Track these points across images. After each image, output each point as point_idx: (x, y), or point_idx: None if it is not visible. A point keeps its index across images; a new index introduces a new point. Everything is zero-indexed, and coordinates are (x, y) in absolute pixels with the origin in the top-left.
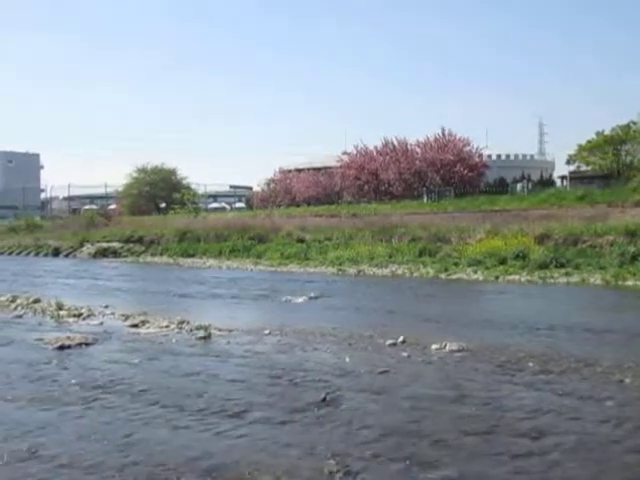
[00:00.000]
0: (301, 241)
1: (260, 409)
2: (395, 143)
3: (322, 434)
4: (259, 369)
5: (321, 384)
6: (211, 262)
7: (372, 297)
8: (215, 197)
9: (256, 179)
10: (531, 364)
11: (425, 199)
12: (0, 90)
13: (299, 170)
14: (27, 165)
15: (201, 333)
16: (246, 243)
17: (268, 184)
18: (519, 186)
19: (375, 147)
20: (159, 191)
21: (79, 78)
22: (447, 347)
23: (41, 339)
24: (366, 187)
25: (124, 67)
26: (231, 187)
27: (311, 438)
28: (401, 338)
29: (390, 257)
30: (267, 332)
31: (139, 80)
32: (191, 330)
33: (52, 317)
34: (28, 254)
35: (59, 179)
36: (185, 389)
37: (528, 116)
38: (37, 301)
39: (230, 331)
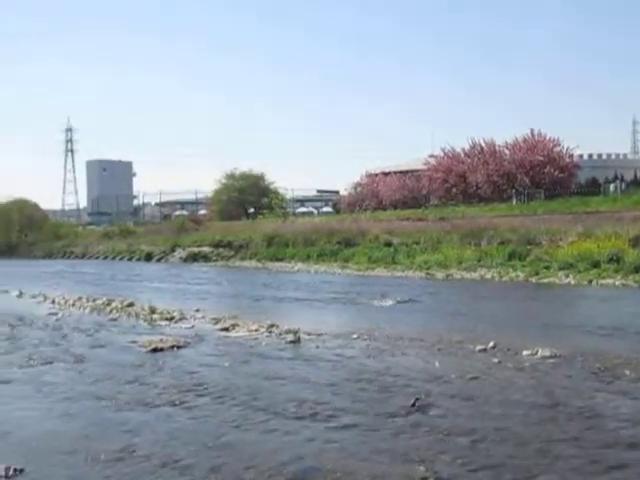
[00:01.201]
0: (388, 245)
1: (349, 414)
2: (483, 145)
3: (412, 440)
4: (348, 373)
5: (410, 389)
6: (299, 266)
7: (461, 301)
8: (302, 202)
9: (343, 183)
10: (628, 371)
11: (514, 201)
12: (97, 101)
13: (386, 173)
14: (120, 173)
15: (290, 337)
16: (333, 247)
17: (355, 188)
18: (612, 187)
19: (462, 149)
20: (248, 196)
21: (172, 87)
22: (539, 353)
23: (135, 342)
24: (454, 190)
25: (219, 75)
26: (318, 191)
27: (401, 444)
28: (491, 343)
29: (479, 261)
30: (356, 336)
31: (231, 87)
32: (280, 334)
33: (145, 320)
34: (122, 259)
35: (151, 186)
36: (275, 393)
37: (618, 116)
38: (131, 305)
39: (319, 335)
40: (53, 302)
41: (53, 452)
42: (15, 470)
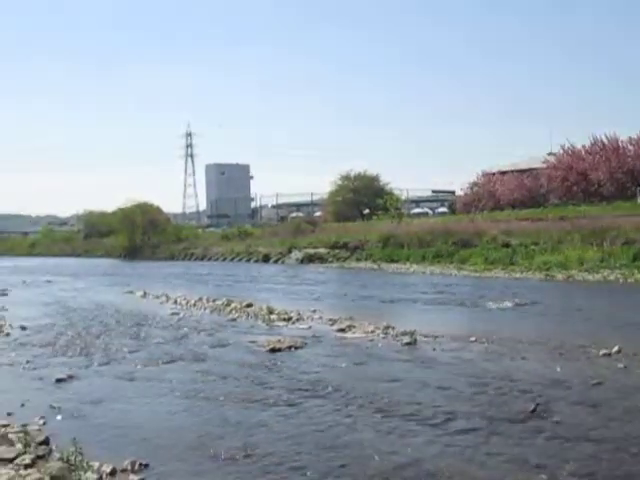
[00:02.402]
0: (506, 246)
1: (467, 418)
2: (605, 141)
3: (532, 446)
4: (466, 377)
5: (530, 394)
6: (414, 267)
7: (583, 304)
8: (417, 202)
9: (459, 183)
10: None
11: (639, 200)
12: (214, 104)
13: (503, 173)
14: (238, 176)
15: (407, 339)
16: (449, 248)
17: (471, 188)
18: None
19: (583, 146)
20: (362, 197)
21: (286, 89)
22: None
23: (254, 342)
24: (574, 188)
25: (329, 76)
26: (433, 192)
27: (520, 450)
28: (616, 348)
29: (601, 262)
30: (473, 339)
31: (343, 88)
32: (396, 335)
33: (263, 321)
34: (240, 260)
35: (268, 188)
36: (391, 395)
37: None
38: (250, 305)
39: (435, 337)
40: (175, 302)
41: (176, 448)
42: (141, 465)
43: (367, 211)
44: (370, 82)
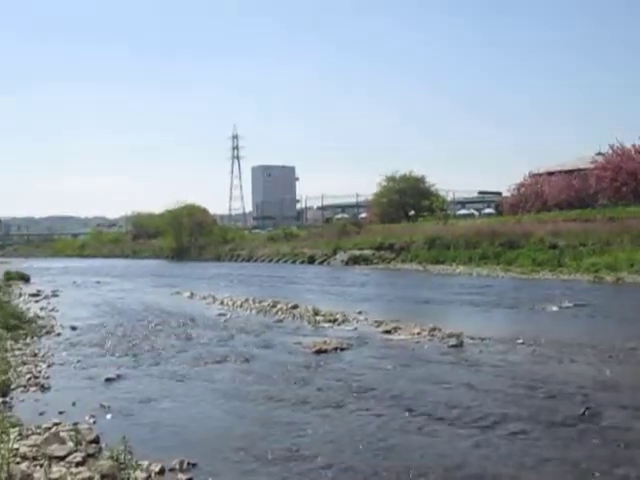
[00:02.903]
0: (553, 247)
1: (515, 421)
2: None
3: (582, 450)
4: (513, 380)
5: (579, 398)
6: (460, 269)
7: (633, 306)
8: (463, 203)
9: (505, 184)
10: None
11: None
12: (260, 107)
13: (550, 173)
14: (284, 177)
15: (453, 341)
16: (496, 249)
17: (518, 189)
18: None
19: (633, 145)
20: (408, 198)
21: (333, 89)
22: None
23: (299, 343)
24: (624, 189)
25: (378, 76)
26: (479, 193)
27: (571, 454)
28: None
29: None
30: (520, 341)
31: (388, 89)
32: (443, 338)
33: (309, 322)
34: (285, 261)
35: (313, 190)
36: (438, 397)
37: None
38: (295, 307)
39: (482, 339)
40: (222, 303)
41: (223, 448)
42: (189, 464)
43: (412, 212)
44: (418, 82)
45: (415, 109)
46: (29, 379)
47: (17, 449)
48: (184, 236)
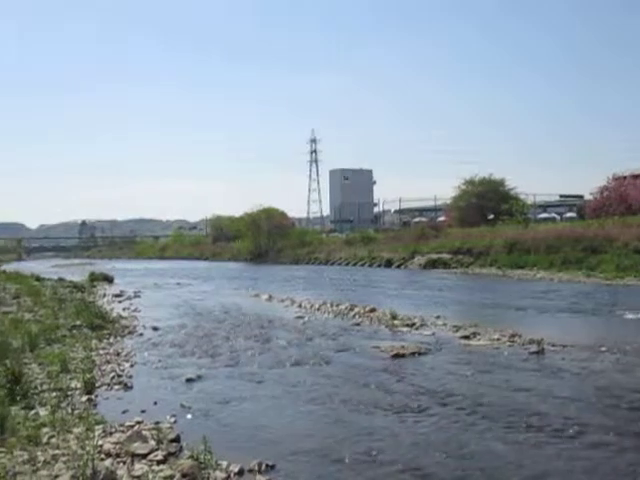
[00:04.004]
0: (639, 252)
1: (599, 431)
2: None
3: None
4: (596, 389)
5: None
6: (541, 274)
7: None
8: (544, 207)
9: (588, 188)
10: None
11: None
12: (339, 111)
13: (635, 176)
14: (361, 181)
15: (533, 347)
16: (578, 254)
17: (601, 192)
18: None
19: None
20: (487, 202)
21: (411, 90)
22: None
23: (377, 347)
24: None
25: (459, 85)
26: (561, 197)
27: None
28: None
29: None
30: (604, 349)
31: (472, 97)
32: (523, 344)
33: (387, 326)
34: (362, 265)
35: (390, 193)
36: (518, 405)
37: None
38: (373, 310)
39: (564, 346)
40: (299, 306)
41: (301, 450)
42: (267, 466)
43: (492, 216)
44: (499, 84)
45: (496, 112)
46: (113, 378)
47: (101, 446)
48: (262, 239)
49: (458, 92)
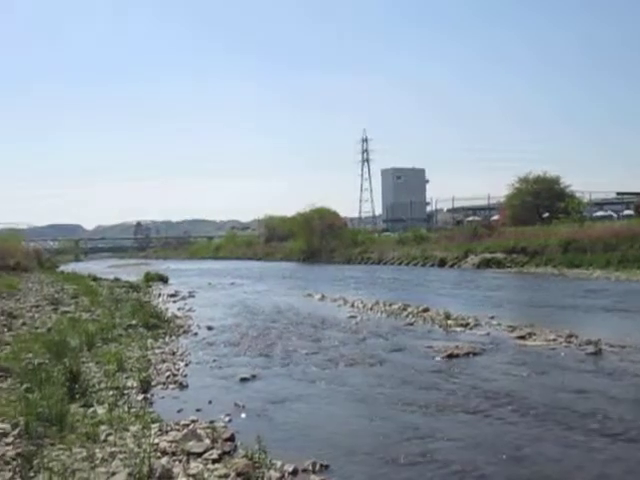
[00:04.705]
0: None
1: None
2: None
3: None
4: None
5: None
6: (598, 273)
7: None
8: (601, 205)
9: None
10: None
11: None
12: (391, 109)
13: None
14: (414, 180)
15: (591, 348)
16: (636, 253)
17: None
18: None
19: None
20: (542, 200)
21: (460, 91)
22: None
23: (430, 347)
24: None
25: (498, 78)
26: (618, 194)
27: None
28: None
29: None
30: None
31: (517, 88)
32: (580, 345)
33: (440, 326)
34: (415, 264)
35: (443, 192)
36: (575, 407)
37: None
38: (426, 310)
39: (622, 347)
40: (352, 306)
41: (355, 451)
42: (321, 466)
43: (546, 215)
44: (549, 82)
45: (549, 110)
46: (168, 377)
47: (157, 444)
48: (315, 239)
49: (509, 92)
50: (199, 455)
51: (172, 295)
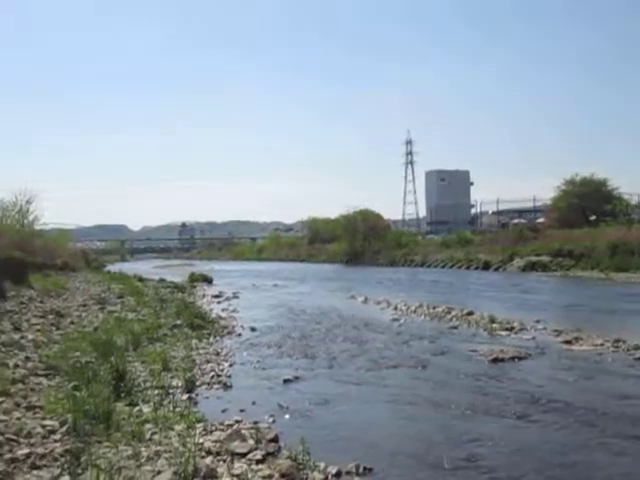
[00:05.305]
0: None
1: None
2: None
3: None
4: None
5: None
6: None
7: None
8: None
9: None
10: None
11: None
12: (434, 114)
13: None
14: (458, 182)
15: (639, 354)
16: None
17: None
18: None
19: None
20: (588, 202)
21: (501, 96)
22: None
23: (475, 350)
24: None
25: (543, 80)
26: None
27: None
28: None
29: None
30: None
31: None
32: (628, 349)
33: (485, 329)
34: (459, 267)
35: (488, 194)
36: (624, 413)
37: None
38: (470, 313)
39: None
40: (395, 308)
41: (399, 454)
42: (365, 468)
43: (593, 217)
44: (593, 85)
45: (596, 110)
46: (212, 377)
47: (202, 444)
48: (358, 241)
49: (555, 91)
50: (243, 455)
51: (216, 296)
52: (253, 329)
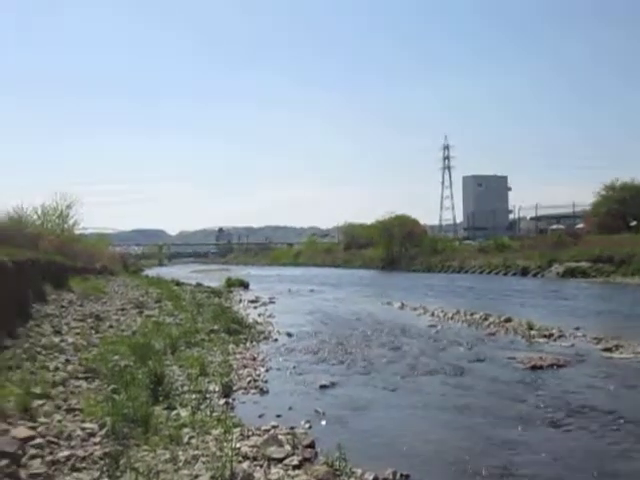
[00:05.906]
0: None
1: None
2: None
3: None
4: None
5: None
6: None
7: None
8: None
9: None
10: None
11: None
12: (472, 120)
13: None
14: (495, 187)
15: None
16: None
17: None
18: None
19: None
20: (629, 208)
21: (538, 100)
22: None
23: (513, 358)
24: None
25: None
26: None
27: None
28: None
29: None
30: None
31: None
32: None
33: (523, 336)
34: (497, 273)
35: (526, 200)
36: None
37: None
38: (508, 320)
39: None
40: (432, 315)
41: (436, 461)
42: (402, 475)
43: (634, 223)
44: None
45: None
46: (249, 382)
47: (239, 448)
48: (395, 246)
49: (595, 98)
50: (280, 461)
51: (253, 301)
52: (289, 334)
